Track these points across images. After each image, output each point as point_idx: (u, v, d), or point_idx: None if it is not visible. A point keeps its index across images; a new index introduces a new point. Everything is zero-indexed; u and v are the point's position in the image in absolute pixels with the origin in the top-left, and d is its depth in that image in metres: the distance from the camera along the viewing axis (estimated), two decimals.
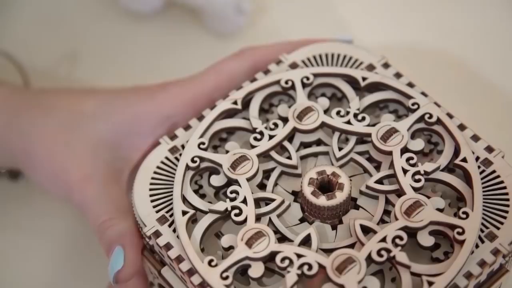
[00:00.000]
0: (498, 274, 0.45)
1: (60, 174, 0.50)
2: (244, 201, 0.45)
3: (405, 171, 0.45)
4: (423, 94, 0.48)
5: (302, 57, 0.51)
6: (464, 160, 0.45)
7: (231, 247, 0.44)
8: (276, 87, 0.49)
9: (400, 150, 0.46)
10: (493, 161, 0.46)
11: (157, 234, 0.45)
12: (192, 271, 0.43)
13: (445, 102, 0.50)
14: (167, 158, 0.48)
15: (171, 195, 0.46)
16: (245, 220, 0.44)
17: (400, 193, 0.45)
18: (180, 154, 0.47)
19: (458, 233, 0.43)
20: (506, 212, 0.44)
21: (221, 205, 0.45)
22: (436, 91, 0.52)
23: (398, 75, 0.49)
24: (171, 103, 0.50)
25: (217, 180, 0.47)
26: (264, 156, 0.47)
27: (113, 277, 0.46)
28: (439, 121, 0.47)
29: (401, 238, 0.43)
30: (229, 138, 0.49)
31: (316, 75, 0.49)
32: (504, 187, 0.45)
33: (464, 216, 0.44)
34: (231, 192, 0.45)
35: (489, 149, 0.46)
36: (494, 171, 0.45)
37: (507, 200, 0.44)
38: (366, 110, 0.49)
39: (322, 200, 0.45)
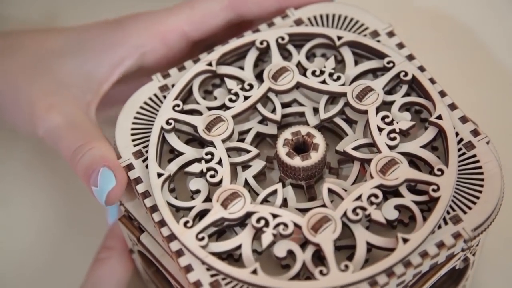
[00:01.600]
0: None
1: (25, 107, 0.49)
2: (220, 162, 0.45)
3: (380, 130, 0.45)
4: (411, 56, 0.48)
5: (309, 14, 0.50)
6: (439, 117, 0.45)
7: (198, 191, 0.44)
8: (253, 49, 0.49)
9: (375, 108, 0.46)
10: (476, 145, 0.45)
11: (129, 167, 0.45)
12: (163, 223, 0.43)
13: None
14: (155, 95, 0.48)
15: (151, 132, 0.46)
16: (220, 181, 0.44)
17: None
18: (169, 93, 0.47)
19: (433, 190, 0.43)
20: (477, 198, 0.43)
21: (196, 167, 0.45)
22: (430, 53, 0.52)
23: (400, 46, 0.48)
24: (140, 33, 0.50)
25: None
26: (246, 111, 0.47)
27: (105, 197, 0.45)
28: (414, 79, 0.47)
29: (376, 196, 0.43)
30: (222, 85, 0.50)
31: (291, 35, 0.49)
32: (481, 173, 0.44)
33: (439, 173, 0.43)
34: (206, 154, 0.45)
35: (475, 133, 0.45)
36: (474, 155, 0.45)
37: (481, 186, 0.44)
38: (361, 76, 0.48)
39: (297, 161, 0.44)
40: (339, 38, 0.48)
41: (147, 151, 0.46)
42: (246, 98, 0.47)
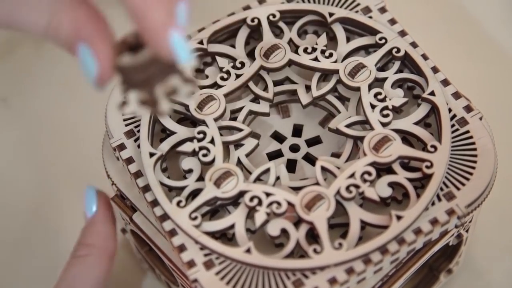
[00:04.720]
0: None
1: None
2: (212, 141, 0.45)
3: (373, 106, 0.45)
4: (403, 32, 0.47)
5: None
6: (432, 93, 0.45)
7: (190, 170, 0.44)
8: (245, 26, 0.48)
9: (368, 85, 0.45)
10: (469, 121, 0.45)
11: (121, 147, 0.45)
12: (155, 202, 0.43)
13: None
14: None
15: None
16: (213, 161, 0.44)
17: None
18: None
19: (427, 167, 0.43)
20: (471, 174, 0.43)
21: (188, 146, 0.45)
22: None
23: (392, 21, 0.48)
24: None
25: None
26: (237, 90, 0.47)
27: (94, 80, 0.36)
28: (406, 55, 0.46)
29: (369, 174, 0.43)
30: (213, 63, 0.49)
31: (282, 12, 0.48)
32: (474, 149, 0.44)
33: (432, 149, 0.43)
34: (199, 133, 0.45)
35: (468, 109, 0.45)
36: (468, 131, 0.44)
37: (475, 162, 0.43)
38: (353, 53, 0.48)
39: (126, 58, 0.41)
40: (331, 14, 0.48)
41: (138, 131, 0.46)
42: (237, 76, 0.47)
